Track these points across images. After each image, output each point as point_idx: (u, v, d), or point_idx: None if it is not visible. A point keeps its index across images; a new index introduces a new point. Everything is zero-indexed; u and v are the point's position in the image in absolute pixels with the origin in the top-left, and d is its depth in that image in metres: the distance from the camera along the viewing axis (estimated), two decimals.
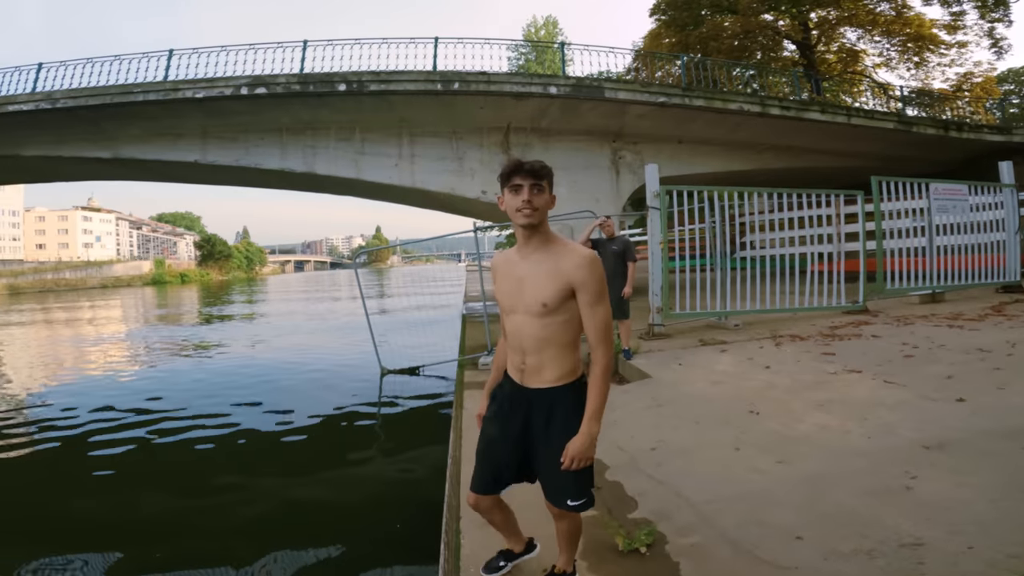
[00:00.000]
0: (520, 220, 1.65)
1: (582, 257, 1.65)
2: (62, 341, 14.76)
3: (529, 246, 1.71)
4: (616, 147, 13.23)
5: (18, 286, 53.61)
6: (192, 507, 4.34)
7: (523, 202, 1.62)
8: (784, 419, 3.65)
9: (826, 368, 4.74)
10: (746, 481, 2.82)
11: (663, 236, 6.76)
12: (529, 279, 1.69)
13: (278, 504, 4.33)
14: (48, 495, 4.62)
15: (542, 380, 1.74)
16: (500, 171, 1.69)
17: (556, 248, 1.70)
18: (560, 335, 1.72)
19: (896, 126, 13.71)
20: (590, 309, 1.66)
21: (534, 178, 1.63)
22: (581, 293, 1.65)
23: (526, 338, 1.73)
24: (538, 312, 1.69)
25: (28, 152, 12.10)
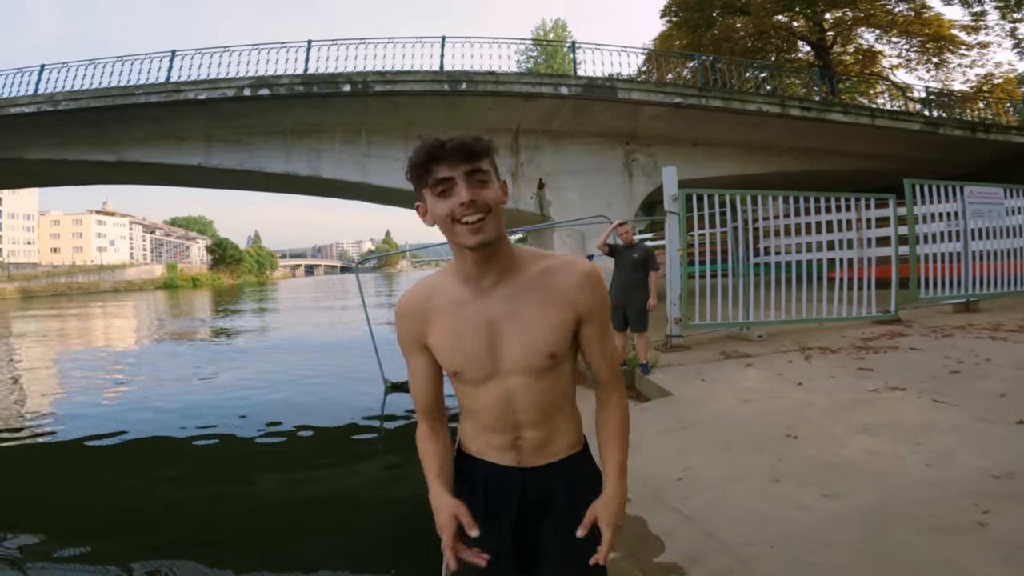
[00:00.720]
0: (466, 238, 1.01)
1: (584, 271, 1.12)
2: (55, 359, 14.60)
3: (489, 275, 1.09)
4: (629, 149, 12.87)
5: (31, 290, 54.11)
6: (189, 518, 4.13)
7: (461, 206, 0.99)
8: (825, 444, 3.29)
9: (865, 385, 4.37)
10: (790, 519, 2.46)
11: (682, 242, 6.38)
12: (512, 322, 1.09)
13: (273, 519, 4.10)
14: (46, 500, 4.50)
15: (551, 454, 1.18)
16: (409, 161, 1.03)
17: (536, 265, 1.12)
18: (569, 389, 1.19)
19: (922, 127, 13.24)
20: (600, 344, 1.16)
21: (469, 161, 1.00)
22: (590, 324, 1.13)
23: (523, 409, 1.12)
24: (543, 368, 1.10)
25: (32, 155, 11.94)
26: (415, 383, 1.19)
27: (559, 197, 12.27)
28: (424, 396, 1.19)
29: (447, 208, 1.00)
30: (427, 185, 1.02)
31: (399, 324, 1.18)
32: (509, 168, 12.16)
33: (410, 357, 1.18)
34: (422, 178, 1.02)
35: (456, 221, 1.00)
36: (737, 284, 6.76)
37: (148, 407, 7.48)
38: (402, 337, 1.18)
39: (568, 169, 12.39)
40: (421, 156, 1.00)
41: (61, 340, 17.11)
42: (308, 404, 7.51)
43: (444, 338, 1.13)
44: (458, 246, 1.05)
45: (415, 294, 1.17)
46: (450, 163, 0.99)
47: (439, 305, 1.14)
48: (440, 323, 1.13)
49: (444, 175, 0.99)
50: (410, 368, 1.20)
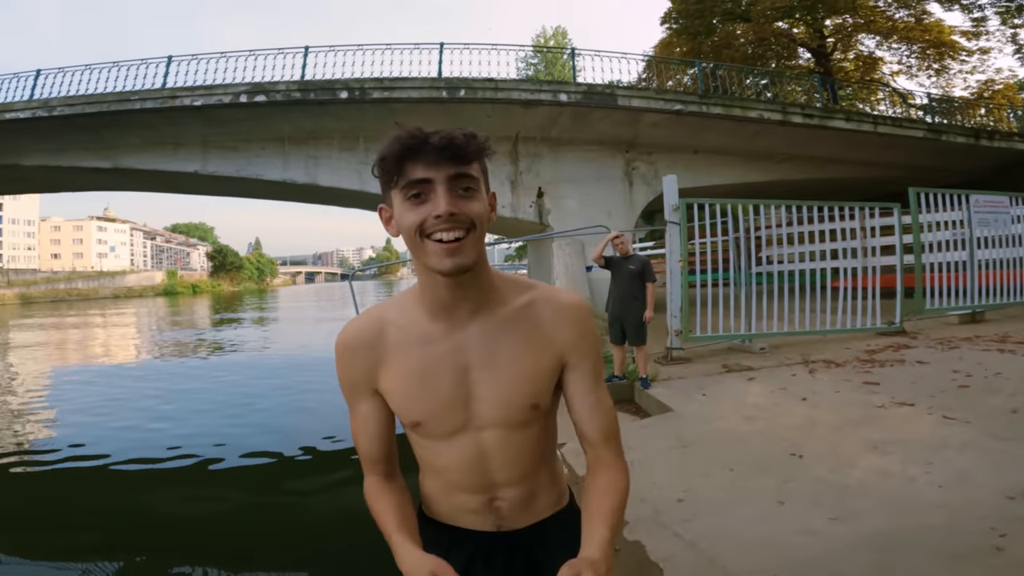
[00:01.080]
0: (437, 260, 0.81)
1: (568, 303, 0.94)
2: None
3: (463, 304, 0.89)
4: (629, 157, 12.78)
5: (30, 296, 54.09)
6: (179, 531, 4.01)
7: (436, 218, 0.79)
8: (833, 464, 3.15)
9: (872, 400, 4.23)
10: (796, 545, 2.32)
11: (683, 253, 6.26)
12: (490, 368, 0.90)
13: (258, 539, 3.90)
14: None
15: (536, 512, 1.00)
16: (379, 152, 0.83)
17: (518, 297, 0.93)
18: (552, 441, 1.01)
19: (926, 134, 13.16)
20: (594, 394, 0.94)
21: (454, 163, 0.80)
22: (578, 369, 0.93)
23: (501, 467, 0.95)
24: (523, 420, 0.92)
25: (28, 162, 11.89)
26: (361, 433, 0.97)
27: (558, 206, 12.17)
28: (372, 448, 0.97)
29: (418, 218, 0.80)
30: (396, 185, 0.82)
31: (341, 362, 0.94)
32: (508, 176, 12.07)
33: (354, 402, 0.96)
34: (391, 175, 0.81)
35: (426, 236, 0.80)
36: (739, 294, 6.64)
37: (137, 426, 7.33)
38: (345, 378, 0.95)
39: (567, 177, 12.30)
40: (394, 148, 0.79)
41: (53, 353, 16.97)
42: (297, 421, 7.37)
43: (402, 383, 0.91)
44: (426, 268, 0.85)
45: (364, 325, 0.94)
46: (430, 162, 0.79)
47: (396, 341, 0.92)
48: (397, 364, 0.91)
49: (420, 176, 0.79)
50: (354, 415, 0.97)
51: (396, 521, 0.92)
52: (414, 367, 0.90)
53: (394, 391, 0.92)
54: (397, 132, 0.80)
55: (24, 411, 8.12)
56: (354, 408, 0.97)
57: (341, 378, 0.96)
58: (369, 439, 0.97)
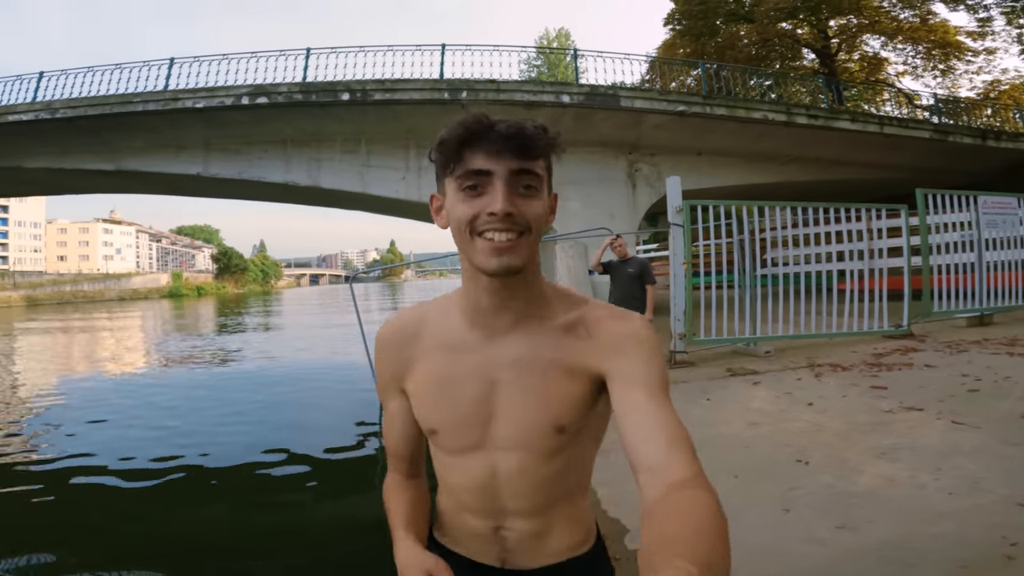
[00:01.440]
0: (485, 258, 0.74)
1: (630, 330, 0.79)
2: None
3: (505, 313, 0.81)
4: (632, 159, 12.73)
5: (36, 298, 54.43)
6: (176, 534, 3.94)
7: (491, 215, 0.72)
8: (840, 470, 3.06)
9: (880, 405, 4.14)
10: (802, 554, 2.25)
11: (687, 255, 6.18)
12: (517, 385, 0.80)
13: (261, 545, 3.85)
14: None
15: (548, 554, 0.87)
16: (439, 136, 0.76)
17: (568, 312, 0.83)
18: (580, 477, 0.88)
19: (932, 135, 13.06)
20: (652, 406, 0.72)
21: (520, 157, 0.72)
22: (627, 379, 0.75)
23: (513, 494, 0.84)
24: (547, 445, 0.81)
25: (31, 164, 11.96)
26: (390, 428, 0.94)
27: (561, 207, 11.92)
28: (399, 444, 0.94)
29: (470, 212, 0.73)
30: (453, 173, 0.75)
31: (378, 356, 0.92)
32: None
33: (386, 398, 0.94)
34: (449, 162, 0.75)
35: (477, 233, 0.73)
36: (743, 297, 6.56)
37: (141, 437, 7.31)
38: (380, 372, 0.93)
39: (570, 179, 12.25)
40: (456, 132, 0.73)
41: (55, 361, 17.00)
42: (303, 416, 7.34)
43: (424, 388, 0.86)
44: (472, 266, 0.77)
45: (399, 325, 0.91)
46: (493, 152, 0.72)
47: (426, 346, 0.87)
48: (422, 369, 0.86)
49: (480, 167, 0.72)
50: (386, 410, 0.95)
51: (405, 518, 0.88)
52: (440, 373, 0.85)
53: (416, 394, 0.88)
54: (462, 116, 0.73)
55: (19, 423, 8.11)
56: (385, 404, 0.96)
57: (377, 372, 0.95)
58: (395, 438, 0.95)
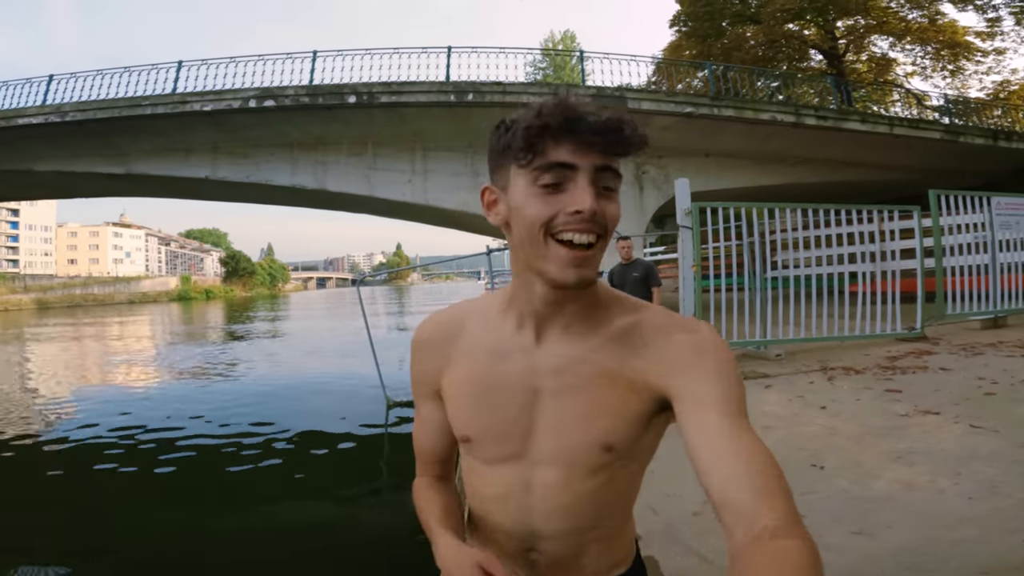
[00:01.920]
0: (561, 269, 0.66)
1: (697, 342, 0.71)
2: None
3: (558, 320, 0.75)
4: (639, 161, 12.66)
5: (47, 301, 54.96)
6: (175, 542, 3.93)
7: (575, 214, 0.64)
8: (855, 475, 3.00)
9: (895, 409, 4.06)
10: None
11: (696, 258, 6.12)
12: (565, 393, 0.73)
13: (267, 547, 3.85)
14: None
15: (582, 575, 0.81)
16: (512, 122, 0.68)
17: (622, 317, 0.75)
18: (626, 496, 0.80)
19: (943, 136, 12.92)
20: (731, 430, 0.62)
21: (607, 154, 0.66)
22: (696, 398, 0.66)
23: (547, 514, 0.77)
24: (591, 463, 0.74)
25: (41, 167, 12.06)
26: (422, 432, 0.89)
27: None
28: (430, 449, 0.90)
29: (549, 211, 0.65)
30: (528, 164, 0.65)
31: (414, 355, 0.88)
32: None
33: (419, 400, 0.89)
34: (523, 151, 0.65)
35: (552, 235, 0.65)
36: (753, 300, 6.49)
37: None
38: (414, 374, 0.88)
39: None
40: (539, 120, 0.64)
41: (66, 370, 17.12)
42: (308, 416, 7.33)
43: (461, 392, 0.80)
44: (536, 273, 0.69)
45: (439, 323, 0.86)
46: (581, 145, 0.64)
47: (466, 348, 0.81)
48: (460, 372, 0.80)
49: (565, 159, 0.64)
50: (418, 412, 0.90)
51: (440, 514, 0.82)
52: (479, 378, 0.78)
53: (452, 398, 0.82)
54: (542, 101, 0.66)
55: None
56: (418, 405, 0.90)
57: (412, 372, 0.89)
58: (428, 440, 0.89)
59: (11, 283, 55.65)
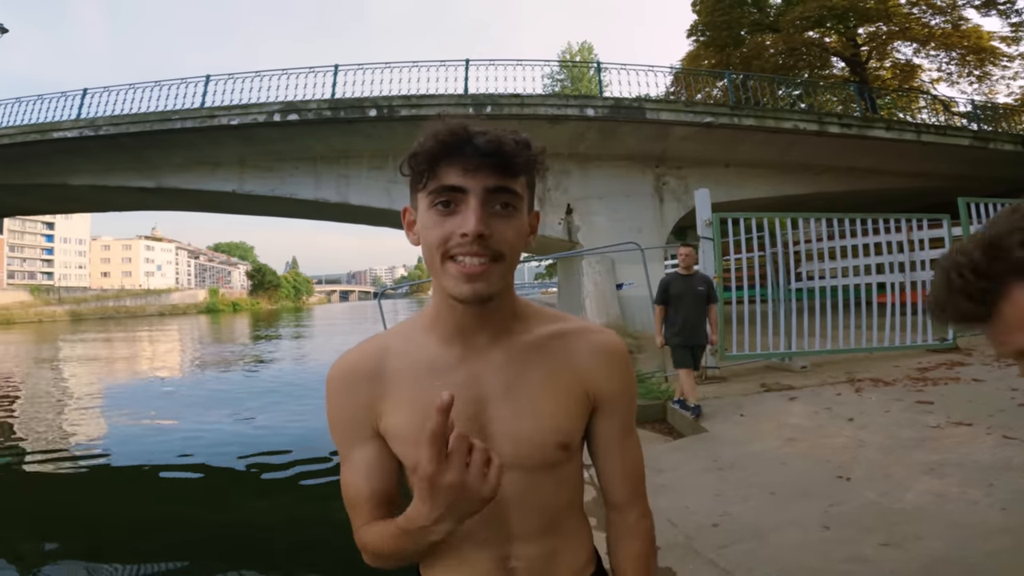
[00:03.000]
0: (455, 284, 0.69)
1: (609, 344, 0.82)
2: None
3: (483, 331, 0.77)
4: (659, 172, 12.59)
5: (80, 312, 56.60)
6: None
7: (463, 236, 0.67)
8: (884, 487, 2.95)
9: (926, 420, 3.95)
10: (844, 573, 2.19)
11: (717, 269, 6.06)
12: (510, 399, 0.76)
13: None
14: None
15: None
16: (412, 149, 0.70)
17: (544, 326, 0.81)
18: (578, 492, 0.85)
19: (971, 142, 12.59)
20: (621, 445, 0.83)
21: (499, 174, 0.68)
22: (610, 416, 0.82)
23: (521, 516, 0.78)
24: (550, 461, 0.78)
25: (76, 181, 12.43)
26: (359, 480, 0.78)
27: (587, 222, 12.04)
28: (372, 495, 0.77)
29: (442, 233, 0.68)
30: (424, 188, 0.69)
31: (335, 399, 0.79)
32: (536, 193, 12.03)
33: (350, 447, 0.78)
34: (420, 175, 0.69)
35: (448, 256, 0.68)
36: (777, 311, 6.38)
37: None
38: (339, 418, 0.79)
39: (596, 193, 12.17)
40: (429, 144, 0.67)
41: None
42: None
43: (406, 418, 0.75)
44: (443, 289, 0.72)
45: (362, 354, 0.79)
46: (469, 168, 0.66)
47: (400, 369, 0.77)
48: (401, 396, 0.76)
49: (453, 182, 0.67)
50: (348, 464, 0.79)
51: (397, 521, 0.72)
52: (424, 401, 0.72)
53: (400, 430, 0.76)
54: (436, 125, 0.68)
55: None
56: (349, 454, 0.79)
57: (333, 418, 0.79)
58: (364, 489, 0.78)
59: (46, 295, 57.50)
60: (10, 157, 11.76)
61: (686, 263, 4.80)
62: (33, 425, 8.45)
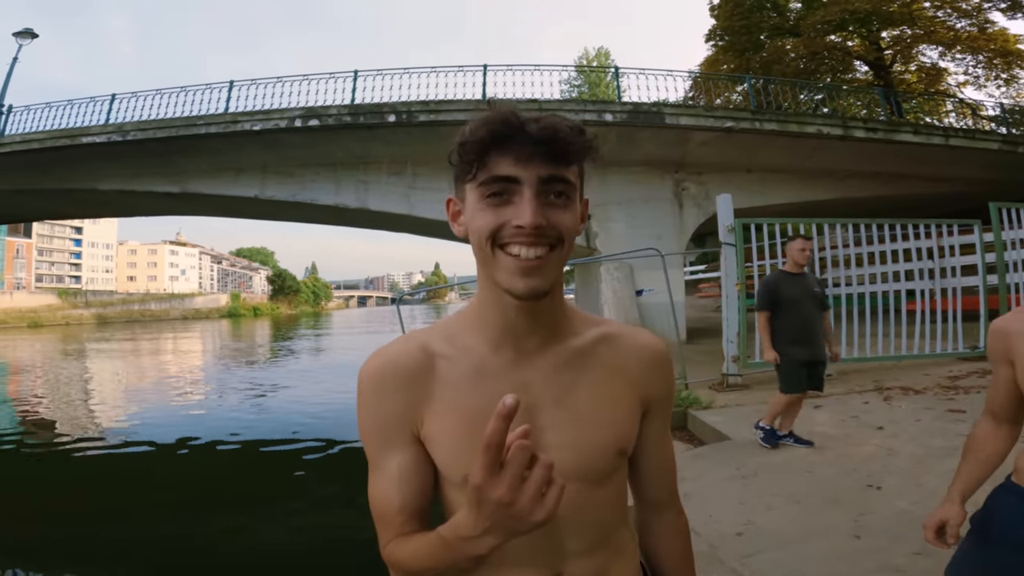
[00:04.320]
0: (511, 278, 0.66)
1: (659, 348, 0.81)
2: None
3: (535, 333, 0.73)
4: (679, 178, 12.46)
5: (106, 316, 57.95)
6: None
7: (517, 228, 0.64)
8: (916, 496, 2.86)
9: (957, 429, 3.82)
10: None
11: (740, 275, 5.97)
12: (566, 406, 0.73)
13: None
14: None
15: None
16: (460, 136, 0.66)
17: (590, 329, 0.78)
18: (626, 503, 0.82)
19: (1001, 146, 12.25)
20: (662, 441, 0.83)
21: (553, 163, 0.64)
22: (658, 418, 0.81)
23: (576, 531, 0.73)
24: (607, 470, 0.74)
25: (105, 186, 12.69)
26: (391, 490, 0.71)
27: (605, 228, 11.96)
28: (406, 506, 0.71)
29: (494, 222, 0.65)
30: (474, 179, 0.66)
31: (371, 399, 0.73)
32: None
33: (385, 451, 0.72)
34: (469, 165, 0.66)
35: (500, 247, 0.65)
36: None
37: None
38: (374, 420, 0.72)
39: (614, 199, 12.08)
40: (480, 132, 0.63)
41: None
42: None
43: (455, 427, 0.70)
44: (492, 284, 0.69)
45: (404, 352, 0.73)
46: (522, 157, 0.63)
47: (447, 374, 0.72)
48: (448, 403, 0.71)
49: (506, 172, 0.64)
50: (381, 471, 0.73)
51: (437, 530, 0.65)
52: (471, 406, 0.70)
53: (443, 437, 0.71)
54: (487, 113, 0.65)
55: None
56: (382, 461, 0.73)
57: (367, 420, 0.73)
58: (396, 500, 0.71)
59: (73, 298, 58.97)
60: (40, 162, 12.08)
61: (803, 259, 3.86)
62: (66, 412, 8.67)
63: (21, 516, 4.65)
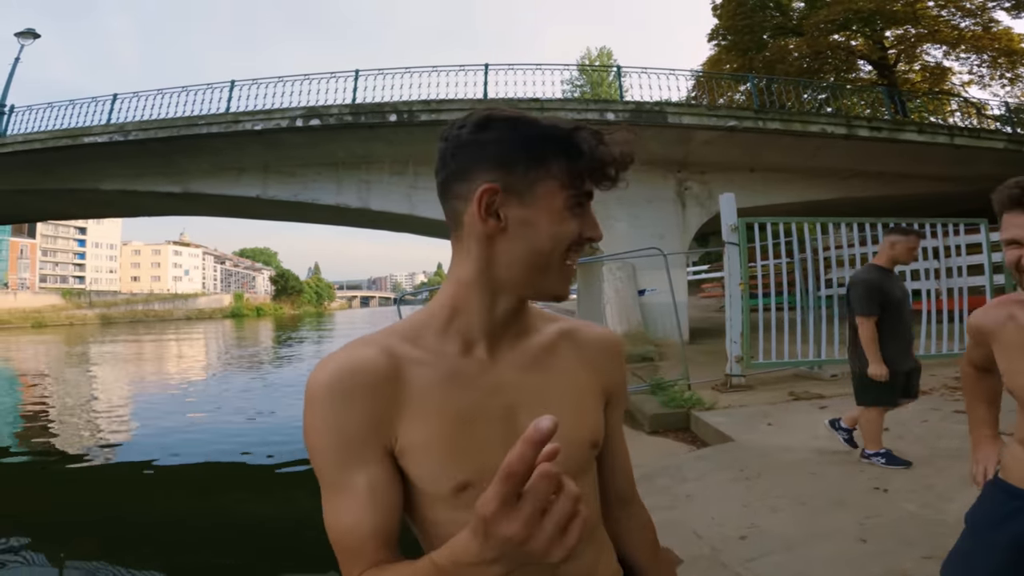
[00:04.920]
0: (561, 284, 0.69)
1: (615, 339, 0.83)
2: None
3: (508, 333, 0.72)
4: (681, 177, 12.41)
5: (110, 316, 58.11)
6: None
7: (587, 240, 0.69)
8: (925, 498, 2.83)
9: (964, 431, 3.72)
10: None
11: (743, 275, 5.93)
12: (540, 403, 0.69)
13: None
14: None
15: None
16: (565, 127, 0.66)
17: (549, 325, 0.78)
18: (597, 493, 0.80)
19: (1007, 145, 12.18)
20: (620, 433, 0.85)
21: (614, 180, 0.69)
22: (616, 410, 0.82)
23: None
24: (584, 462, 0.74)
25: (107, 186, 12.72)
26: (359, 512, 0.63)
27: (608, 228, 11.79)
28: (374, 540, 0.63)
29: (578, 231, 0.67)
30: (557, 177, 0.65)
31: (326, 412, 0.64)
32: None
33: (351, 470, 0.63)
34: (577, 172, 0.65)
35: (562, 255, 0.67)
36: (805, 319, 6.22)
37: None
38: (335, 435, 0.64)
39: (616, 199, 11.99)
40: (602, 154, 0.64)
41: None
42: None
43: (441, 432, 0.65)
44: (489, 284, 0.68)
45: (366, 358, 0.66)
46: (608, 177, 0.67)
47: (419, 378, 0.67)
48: (426, 408, 0.66)
49: (591, 187, 0.68)
50: (344, 492, 0.64)
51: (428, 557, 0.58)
52: (454, 410, 0.66)
53: (430, 446, 0.65)
54: (602, 129, 0.66)
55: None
56: (347, 480, 0.64)
57: (325, 436, 0.64)
58: (365, 523, 0.63)
59: (77, 299, 59.14)
60: (42, 162, 12.10)
61: (910, 259, 3.39)
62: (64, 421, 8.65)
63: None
